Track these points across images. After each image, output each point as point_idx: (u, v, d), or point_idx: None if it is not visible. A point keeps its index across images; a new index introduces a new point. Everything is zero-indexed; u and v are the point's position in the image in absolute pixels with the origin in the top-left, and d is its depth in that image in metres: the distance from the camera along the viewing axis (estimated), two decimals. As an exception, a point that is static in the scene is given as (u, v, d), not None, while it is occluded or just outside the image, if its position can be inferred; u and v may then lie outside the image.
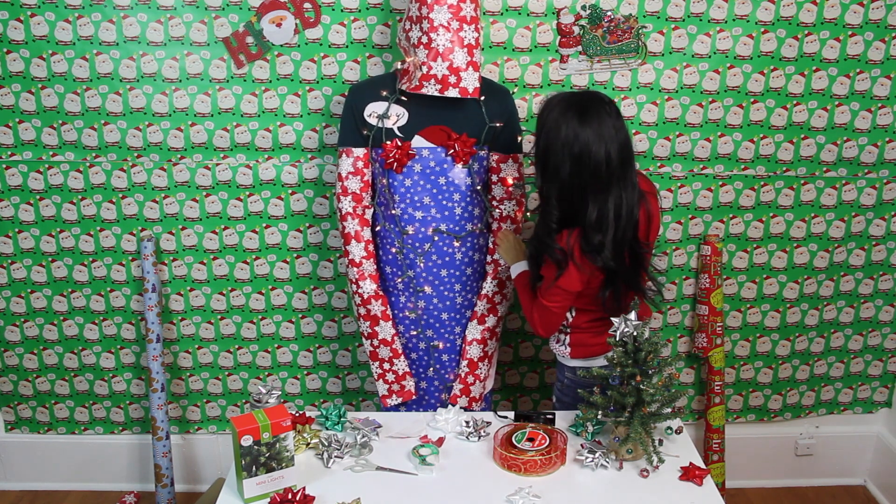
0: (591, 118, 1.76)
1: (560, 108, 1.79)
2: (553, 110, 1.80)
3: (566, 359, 2.05)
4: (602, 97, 1.83)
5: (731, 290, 2.61)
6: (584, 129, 1.75)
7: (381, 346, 2.18)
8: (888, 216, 2.56)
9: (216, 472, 2.81)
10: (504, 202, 2.15)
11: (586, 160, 1.75)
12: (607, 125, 1.77)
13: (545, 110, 1.83)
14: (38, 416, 2.72)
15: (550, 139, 1.78)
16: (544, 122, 1.82)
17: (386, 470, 1.73)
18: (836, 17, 2.31)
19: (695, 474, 1.70)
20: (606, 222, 1.78)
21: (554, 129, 1.78)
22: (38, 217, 2.46)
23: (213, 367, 2.66)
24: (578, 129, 1.75)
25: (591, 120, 1.76)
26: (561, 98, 1.83)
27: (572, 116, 1.76)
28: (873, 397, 2.81)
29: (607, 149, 1.75)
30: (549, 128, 1.79)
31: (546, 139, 1.80)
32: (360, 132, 2.07)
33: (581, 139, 1.75)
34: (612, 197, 1.78)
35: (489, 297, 2.20)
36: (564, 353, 2.04)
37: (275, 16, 2.26)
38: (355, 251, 2.13)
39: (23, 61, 2.29)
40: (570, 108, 1.78)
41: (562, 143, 1.76)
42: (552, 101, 1.84)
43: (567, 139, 1.75)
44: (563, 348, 2.04)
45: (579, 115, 1.76)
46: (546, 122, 1.81)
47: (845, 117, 2.43)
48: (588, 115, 1.76)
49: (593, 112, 1.77)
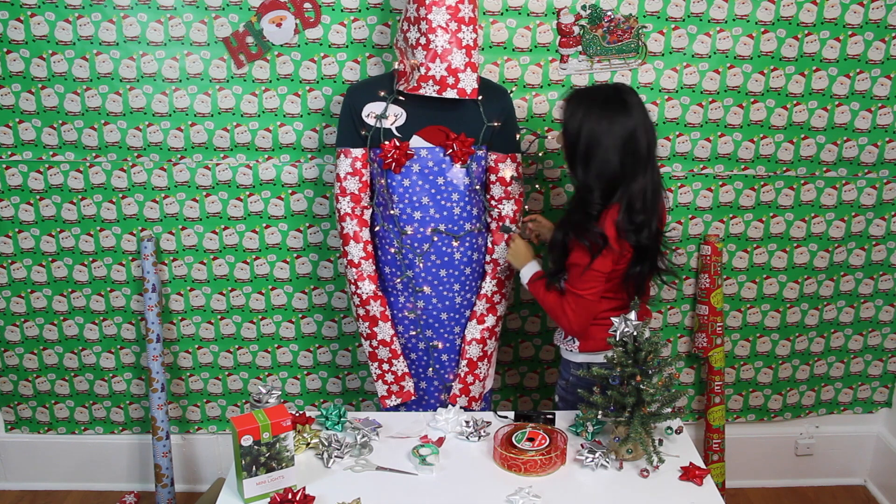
0: (632, 106, 1.87)
1: (599, 103, 1.87)
2: (592, 106, 1.87)
3: (573, 353, 2.04)
4: (627, 86, 1.96)
5: (731, 290, 2.61)
6: (629, 119, 1.85)
7: (379, 346, 2.18)
8: (888, 216, 2.56)
9: (216, 472, 2.81)
10: (502, 202, 2.16)
11: (632, 147, 1.86)
12: (643, 110, 1.89)
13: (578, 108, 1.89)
14: (38, 416, 2.73)
15: (596, 133, 1.85)
16: (582, 120, 1.87)
17: (386, 470, 1.73)
18: (836, 17, 2.31)
19: (695, 474, 1.70)
20: (647, 202, 1.89)
21: (598, 123, 1.85)
22: (38, 217, 2.47)
23: (213, 367, 2.66)
24: (624, 119, 1.85)
25: (631, 108, 1.86)
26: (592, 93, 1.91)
27: (616, 108, 1.86)
28: (873, 397, 2.81)
29: (646, 132, 1.88)
30: (591, 124, 1.86)
31: (590, 134, 1.86)
32: (359, 133, 2.07)
33: (628, 128, 1.85)
34: (648, 177, 1.89)
35: (488, 297, 2.20)
36: (572, 348, 2.04)
37: (275, 16, 2.26)
38: (354, 252, 2.13)
39: (23, 61, 2.29)
40: (608, 101, 1.87)
41: (610, 135, 1.84)
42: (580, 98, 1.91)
43: (614, 131, 1.84)
44: (570, 342, 2.04)
45: (621, 105, 1.86)
46: (586, 118, 1.87)
47: (845, 117, 2.43)
48: (628, 104, 1.87)
49: (631, 101, 1.88)
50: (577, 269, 1.90)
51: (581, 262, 1.88)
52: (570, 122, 1.89)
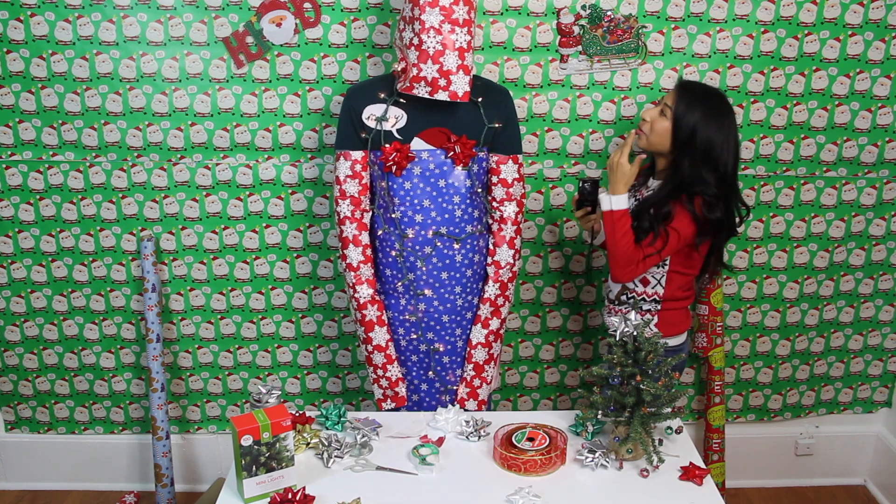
0: (730, 108, 1.99)
1: (725, 106, 1.98)
2: (709, 106, 1.96)
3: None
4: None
5: (731, 290, 2.61)
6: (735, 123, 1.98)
7: (374, 351, 2.17)
8: (888, 216, 2.56)
9: (216, 472, 2.81)
10: (504, 203, 2.15)
11: (737, 152, 2.00)
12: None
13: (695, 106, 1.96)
14: (38, 416, 2.73)
15: (719, 133, 1.95)
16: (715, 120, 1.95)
17: (386, 470, 1.73)
18: (836, 16, 2.31)
19: (695, 474, 1.70)
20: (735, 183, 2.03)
21: (720, 125, 1.94)
22: (38, 217, 2.46)
23: (213, 367, 2.66)
24: (734, 123, 1.98)
25: (730, 110, 1.98)
26: (708, 92, 2.01)
27: (728, 110, 1.97)
28: (873, 397, 2.81)
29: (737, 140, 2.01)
30: (725, 126, 1.95)
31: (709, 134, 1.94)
32: (359, 135, 2.06)
33: (734, 132, 1.98)
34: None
35: (492, 301, 2.19)
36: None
37: (275, 16, 2.26)
38: (353, 256, 2.13)
39: (23, 61, 2.29)
40: (721, 102, 1.98)
41: (731, 138, 1.96)
42: (696, 95, 1.98)
43: (732, 135, 1.97)
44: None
45: (729, 109, 1.98)
46: (717, 120, 1.95)
47: (845, 117, 2.43)
48: (728, 106, 1.99)
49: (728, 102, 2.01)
50: (675, 234, 1.96)
51: (684, 231, 1.96)
52: (685, 114, 1.95)
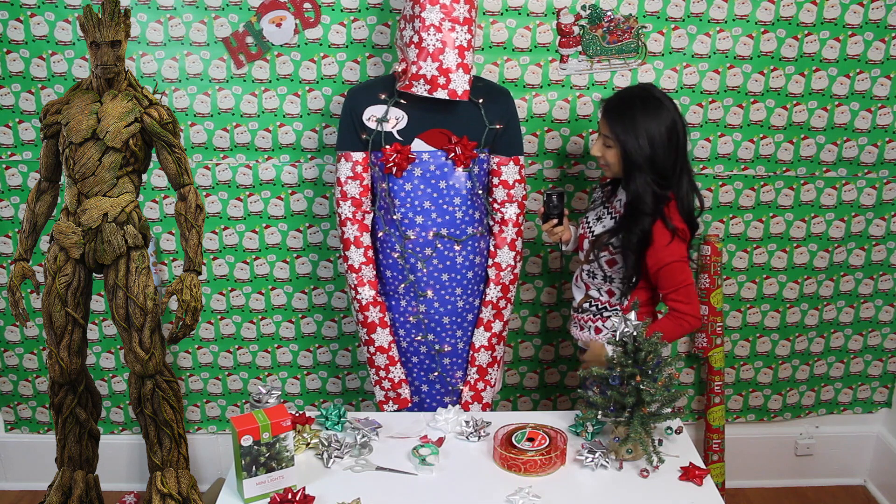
0: (663, 99, 1.92)
1: (639, 107, 1.90)
2: (633, 112, 1.90)
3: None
4: (650, 84, 2.02)
5: (731, 290, 2.61)
6: (668, 112, 1.90)
7: (377, 353, 2.17)
8: (888, 216, 2.56)
9: (216, 472, 2.81)
10: (505, 205, 2.14)
11: (675, 139, 1.92)
12: (671, 101, 1.94)
13: (620, 119, 1.91)
14: (38, 416, 2.72)
15: (651, 134, 1.89)
16: (630, 128, 1.89)
17: (386, 470, 1.73)
18: (836, 17, 2.31)
19: (695, 474, 1.70)
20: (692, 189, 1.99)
21: (647, 126, 1.89)
22: (38, 217, 2.46)
23: (213, 367, 2.66)
24: (666, 113, 1.90)
25: (664, 101, 1.91)
26: (626, 99, 1.93)
27: (655, 105, 1.90)
28: (873, 397, 2.81)
29: (682, 121, 1.94)
30: (641, 128, 1.89)
31: (647, 138, 1.89)
32: (360, 136, 2.05)
33: (668, 122, 1.90)
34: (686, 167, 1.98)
35: (494, 304, 2.18)
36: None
37: (275, 16, 2.26)
38: (354, 257, 2.12)
39: (23, 61, 2.29)
40: (646, 101, 1.90)
41: (658, 133, 1.89)
42: (619, 108, 1.92)
43: (661, 129, 1.89)
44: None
45: (657, 102, 1.90)
46: (632, 126, 1.89)
47: (845, 117, 2.43)
48: (661, 100, 1.92)
49: (660, 95, 1.93)
50: (675, 264, 1.91)
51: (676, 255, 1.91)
52: (624, 136, 1.89)
